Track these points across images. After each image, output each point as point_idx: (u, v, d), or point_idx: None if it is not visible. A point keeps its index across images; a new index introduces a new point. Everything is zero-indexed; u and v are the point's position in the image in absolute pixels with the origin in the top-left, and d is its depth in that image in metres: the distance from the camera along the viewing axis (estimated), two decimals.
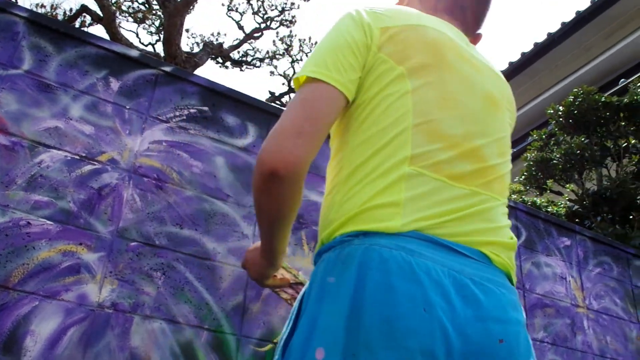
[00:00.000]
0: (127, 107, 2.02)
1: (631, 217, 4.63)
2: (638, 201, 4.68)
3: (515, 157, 7.75)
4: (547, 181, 5.19)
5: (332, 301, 0.86)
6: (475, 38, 1.22)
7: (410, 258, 0.85)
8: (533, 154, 5.46)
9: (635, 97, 5.42)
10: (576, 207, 4.95)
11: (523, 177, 5.51)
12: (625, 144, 5.08)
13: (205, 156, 2.12)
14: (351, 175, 0.97)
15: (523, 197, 5.12)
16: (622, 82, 7.12)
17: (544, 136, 5.73)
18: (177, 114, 2.11)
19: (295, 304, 1.00)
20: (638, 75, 6.36)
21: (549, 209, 4.62)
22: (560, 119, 5.51)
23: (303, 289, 0.99)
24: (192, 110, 2.15)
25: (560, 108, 5.58)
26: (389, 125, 0.96)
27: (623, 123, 5.28)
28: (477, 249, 0.93)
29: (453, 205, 0.94)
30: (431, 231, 0.90)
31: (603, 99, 5.44)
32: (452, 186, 0.95)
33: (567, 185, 5.10)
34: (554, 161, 5.19)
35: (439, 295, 0.83)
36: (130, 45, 6.91)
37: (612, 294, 3.32)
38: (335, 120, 0.97)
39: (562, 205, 4.90)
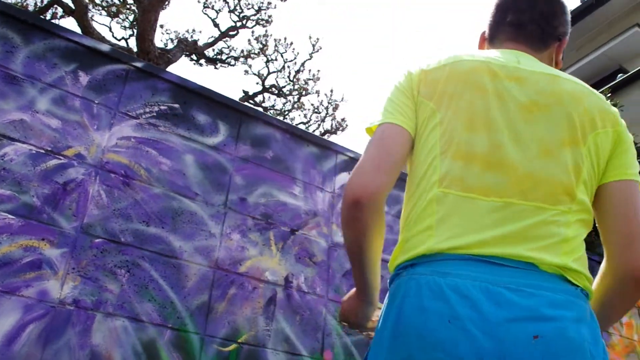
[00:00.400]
0: (96, 101, 2.01)
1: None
2: None
3: None
4: None
5: (382, 328, 0.99)
6: (552, 46, 1.26)
7: (441, 280, 0.94)
8: None
9: None
10: None
11: None
12: None
13: (175, 154, 2.12)
14: (404, 209, 1.11)
15: None
16: None
17: None
18: (147, 110, 2.11)
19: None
20: (608, 86, 6.52)
21: None
22: None
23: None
24: (162, 107, 2.15)
25: None
26: (423, 159, 1.08)
27: None
28: (519, 259, 0.96)
29: (485, 220, 0.99)
30: (467, 249, 0.97)
31: None
32: (479, 200, 1.01)
33: None
34: None
35: (466, 307, 0.91)
36: (103, 39, 6.84)
37: None
38: (405, 152, 1.10)
39: None
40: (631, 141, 1.12)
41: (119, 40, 7.91)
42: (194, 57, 8.28)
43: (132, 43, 8.04)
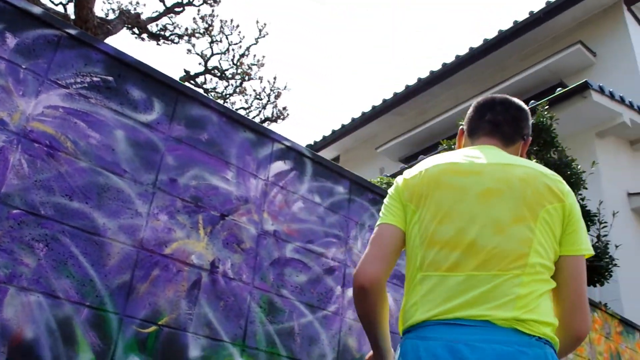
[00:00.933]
0: (23, 66, 1.94)
1: None
2: None
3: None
4: None
5: None
6: (519, 143, 1.58)
7: (419, 342, 1.26)
8: None
9: (541, 119, 5.78)
10: None
11: None
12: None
13: (105, 128, 2.08)
14: (404, 288, 1.44)
15: None
16: (532, 103, 7.55)
17: (452, 146, 5.99)
18: (79, 80, 2.06)
19: None
20: (546, 99, 6.78)
21: None
22: None
23: None
24: (95, 79, 2.10)
25: None
26: (410, 250, 1.42)
27: None
28: (477, 318, 1.24)
29: (451, 292, 1.29)
30: (438, 316, 1.28)
31: None
32: (448, 277, 1.32)
33: None
34: None
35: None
36: (37, 2, 6.56)
37: None
38: (397, 242, 1.43)
39: None
40: (580, 215, 1.41)
41: (57, 5, 7.61)
42: (135, 30, 8.07)
43: (71, 9, 7.75)
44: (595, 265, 5.06)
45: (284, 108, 8.26)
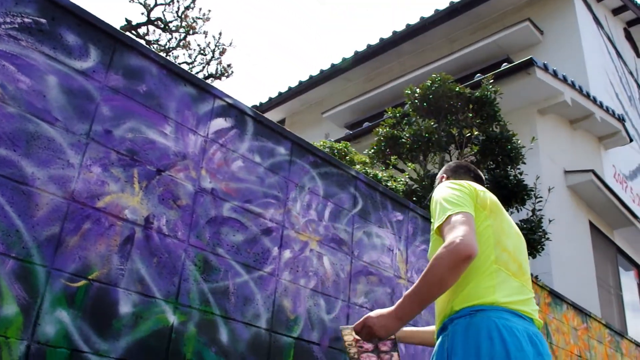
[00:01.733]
0: None
1: None
2: None
3: (368, 131, 8.14)
4: (393, 157, 5.53)
5: (472, 352, 1.62)
6: None
7: (509, 323, 1.64)
8: (385, 130, 5.78)
9: (485, 93, 5.92)
10: (415, 186, 5.33)
11: (372, 150, 5.82)
12: (470, 134, 5.55)
13: (36, 73, 2.01)
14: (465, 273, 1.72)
15: (367, 168, 5.41)
16: (478, 77, 7.71)
17: (397, 115, 6.08)
18: (8, 20, 1.98)
19: (441, 354, 1.73)
20: (492, 73, 6.92)
21: (388, 184, 4.93)
22: (416, 101, 5.87)
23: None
24: (26, 20, 2.02)
25: (417, 90, 5.93)
26: (483, 242, 1.78)
27: (471, 114, 5.76)
28: (528, 315, 1.73)
29: (515, 290, 1.75)
30: (510, 306, 1.70)
31: (457, 89, 5.87)
32: (512, 278, 1.78)
33: (410, 165, 5.47)
34: (403, 140, 5.53)
35: (525, 343, 1.62)
36: None
37: None
38: None
39: (402, 182, 5.25)
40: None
41: None
42: None
43: None
44: (529, 238, 5.27)
45: (229, 65, 8.11)
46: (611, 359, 6.28)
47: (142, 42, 6.41)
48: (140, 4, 8.00)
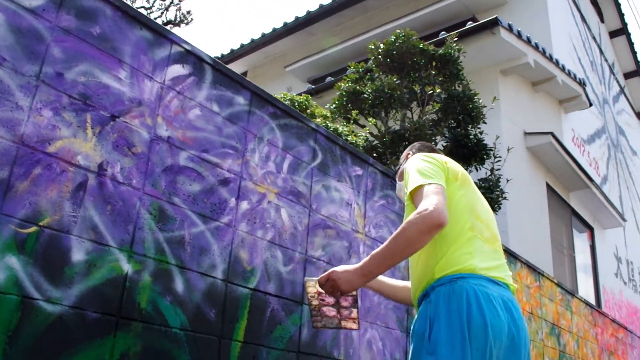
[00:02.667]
0: None
1: None
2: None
3: (331, 86, 8.12)
4: (354, 112, 5.54)
5: (456, 319, 1.75)
6: None
7: (486, 290, 1.79)
8: (347, 85, 5.78)
9: (449, 51, 5.95)
10: (376, 142, 5.38)
11: (334, 105, 5.82)
12: (432, 91, 5.60)
13: None
14: (442, 241, 1.90)
15: (327, 122, 5.41)
16: (442, 34, 7.73)
17: (360, 70, 6.07)
18: None
19: (424, 320, 1.82)
20: (456, 31, 6.95)
21: (349, 138, 4.96)
22: (379, 57, 5.87)
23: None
24: None
25: (381, 46, 5.93)
26: (459, 214, 1.93)
27: (434, 72, 5.79)
28: (504, 282, 1.89)
29: (490, 256, 1.92)
30: (488, 272, 1.85)
31: (421, 46, 5.89)
32: (486, 244, 1.94)
33: (371, 120, 5.50)
34: (365, 95, 5.54)
35: (500, 309, 1.77)
36: None
37: (390, 225, 3.74)
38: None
39: (362, 138, 5.29)
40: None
41: None
42: None
43: None
44: (487, 197, 5.40)
45: (188, 12, 7.88)
46: (561, 317, 6.55)
47: None
48: None
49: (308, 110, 5.79)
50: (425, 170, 1.93)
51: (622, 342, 8.96)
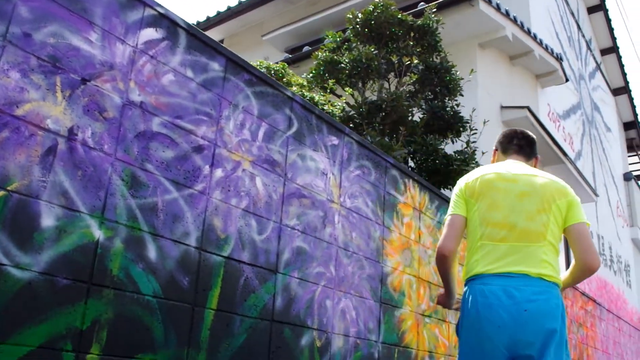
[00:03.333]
0: None
1: (399, 131, 5.19)
2: (408, 118, 5.24)
3: (308, 56, 8.06)
4: (331, 81, 5.52)
5: (468, 312, 2.28)
6: (535, 160, 2.67)
7: (483, 286, 2.23)
8: (324, 55, 5.73)
9: (427, 22, 5.93)
10: (353, 112, 5.37)
11: (311, 75, 5.78)
12: (409, 62, 5.59)
13: None
14: (466, 251, 2.44)
15: (303, 91, 5.38)
16: (421, 5, 7.69)
17: (338, 39, 6.03)
18: None
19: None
20: (435, 2, 6.92)
21: (325, 108, 4.94)
22: (357, 26, 5.83)
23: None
24: None
25: (360, 15, 5.88)
26: (472, 227, 2.39)
27: (412, 43, 5.78)
28: (518, 272, 2.21)
29: (502, 255, 2.26)
30: (493, 270, 2.24)
31: (400, 16, 5.86)
32: (499, 245, 2.28)
33: (347, 89, 5.49)
34: (342, 65, 5.51)
35: (495, 298, 2.17)
36: None
37: (365, 195, 3.75)
38: (463, 226, 2.43)
39: (339, 107, 5.27)
40: (578, 202, 2.41)
41: None
42: None
43: None
44: (462, 169, 5.44)
45: None
46: None
47: None
48: None
49: (284, 79, 5.74)
50: (451, 203, 2.52)
51: (591, 315, 9.19)
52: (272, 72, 5.77)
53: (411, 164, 5.74)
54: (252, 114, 2.95)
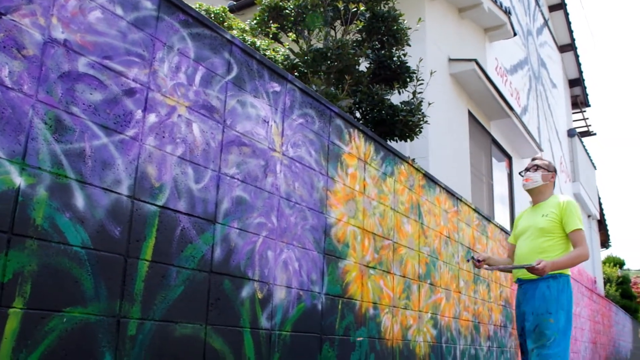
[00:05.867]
0: None
1: (345, 80, 5.12)
2: (355, 67, 5.17)
3: (252, 3, 7.84)
4: (273, 26, 5.38)
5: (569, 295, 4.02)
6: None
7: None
8: (268, 0, 5.58)
9: None
10: (298, 60, 5.26)
11: (255, 21, 5.62)
12: (356, 9, 5.49)
13: None
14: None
15: (245, 36, 5.24)
16: None
17: None
18: None
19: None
20: None
21: (267, 53, 4.82)
22: None
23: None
24: None
25: None
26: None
27: None
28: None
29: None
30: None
31: None
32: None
33: (291, 35, 5.37)
34: (287, 11, 5.38)
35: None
36: None
37: (309, 145, 3.70)
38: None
39: (281, 54, 5.16)
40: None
41: None
42: None
43: None
44: (408, 120, 5.44)
45: None
46: (477, 241, 6.84)
47: None
48: None
49: (225, 23, 5.56)
50: (579, 216, 3.83)
51: None
52: (212, 15, 5.58)
53: (357, 114, 5.71)
54: (188, 57, 2.84)
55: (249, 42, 4.92)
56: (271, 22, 5.43)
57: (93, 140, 2.32)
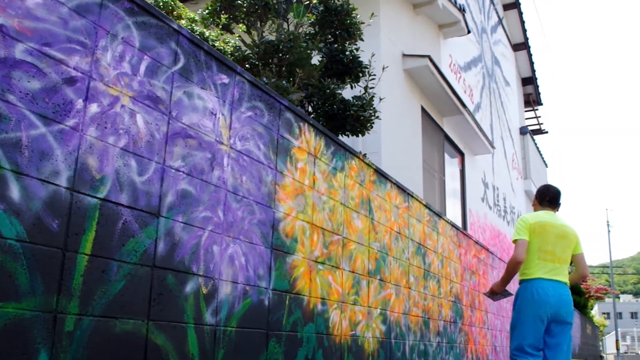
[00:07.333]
0: None
1: (296, 74, 5.13)
2: (306, 61, 5.18)
3: None
4: (223, 17, 5.35)
5: (524, 298, 4.60)
6: (558, 209, 4.86)
7: (539, 284, 4.47)
8: None
9: None
10: (249, 52, 5.24)
11: (206, 11, 5.57)
12: (308, 2, 5.50)
13: None
14: (524, 264, 4.62)
15: (194, 26, 5.19)
16: None
17: None
18: None
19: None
20: None
21: (216, 44, 4.79)
22: None
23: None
24: None
25: None
26: (532, 250, 4.55)
27: None
28: (556, 280, 4.49)
29: (550, 269, 4.49)
30: (545, 277, 4.47)
31: None
32: (548, 263, 4.50)
33: (241, 27, 5.34)
34: (239, 2, 5.35)
35: (547, 290, 4.45)
36: None
37: (257, 138, 3.70)
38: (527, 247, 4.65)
39: (231, 45, 5.13)
40: (580, 238, 4.77)
41: None
42: None
43: None
44: (359, 115, 5.49)
45: None
46: (428, 237, 6.95)
47: None
48: None
49: (174, 12, 5.50)
50: (519, 229, 4.54)
51: (483, 263, 9.72)
52: (161, 3, 5.51)
53: (309, 108, 5.72)
54: (133, 46, 2.80)
55: (197, 33, 4.87)
56: (223, 12, 5.38)
57: (30, 129, 2.27)
